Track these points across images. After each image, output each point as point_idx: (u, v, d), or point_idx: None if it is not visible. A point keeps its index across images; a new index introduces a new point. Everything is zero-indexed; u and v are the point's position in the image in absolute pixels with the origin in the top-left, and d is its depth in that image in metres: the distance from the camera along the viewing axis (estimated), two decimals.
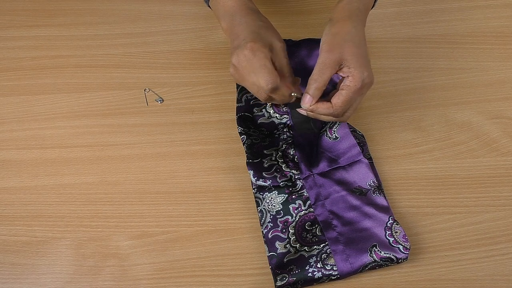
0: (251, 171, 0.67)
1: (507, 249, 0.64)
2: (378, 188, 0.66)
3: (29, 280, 0.63)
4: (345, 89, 0.57)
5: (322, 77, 0.57)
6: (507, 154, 0.71)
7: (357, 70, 0.57)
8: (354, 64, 0.57)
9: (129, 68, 0.81)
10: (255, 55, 0.57)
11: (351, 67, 0.57)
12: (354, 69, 0.57)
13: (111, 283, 0.62)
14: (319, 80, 0.57)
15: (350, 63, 0.57)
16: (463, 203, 0.67)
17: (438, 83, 0.78)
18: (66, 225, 0.66)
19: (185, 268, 0.63)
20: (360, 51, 0.58)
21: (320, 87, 0.58)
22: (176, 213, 0.67)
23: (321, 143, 0.70)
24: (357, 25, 0.59)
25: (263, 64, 0.57)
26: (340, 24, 0.59)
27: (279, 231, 0.63)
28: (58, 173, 0.71)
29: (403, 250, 0.61)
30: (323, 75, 0.57)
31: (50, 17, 0.87)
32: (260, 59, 0.57)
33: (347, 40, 0.57)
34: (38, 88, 0.79)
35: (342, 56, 0.57)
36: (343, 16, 0.59)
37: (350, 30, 0.58)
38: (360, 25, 0.60)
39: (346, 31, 0.58)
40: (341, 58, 0.57)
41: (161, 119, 0.75)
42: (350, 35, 0.58)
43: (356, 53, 0.57)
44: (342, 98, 0.57)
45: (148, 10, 0.88)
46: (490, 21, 0.85)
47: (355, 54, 0.57)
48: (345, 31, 0.58)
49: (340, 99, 0.57)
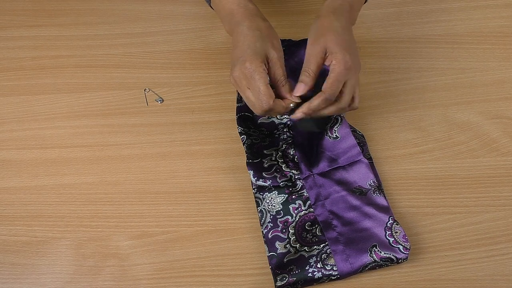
0: (251, 171, 0.67)
1: (507, 249, 0.64)
2: (378, 188, 0.66)
3: (29, 280, 0.63)
4: (331, 72, 0.60)
5: (309, 66, 0.61)
6: (507, 154, 0.71)
7: (338, 54, 0.60)
8: (336, 49, 0.60)
9: (129, 68, 0.81)
10: (251, 76, 0.60)
11: (333, 52, 0.60)
12: (336, 53, 0.60)
13: (111, 283, 0.62)
14: (307, 69, 0.61)
15: (332, 49, 0.61)
16: (463, 203, 0.67)
17: (438, 83, 0.78)
18: (66, 225, 0.66)
19: (185, 268, 0.63)
20: (341, 38, 0.62)
21: (311, 75, 0.61)
22: (176, 213, 0.67)
23: (322, 143, 0.70)
24: (339, 19, 0.63)
25: (258, 86, 0.60)
26: (323, 19, 0.63)
27: (279, 231, 0.63)
28: (58, 173, 0.71)
29: (403, 250, 0.61)
30: (310, 64, 0.61)
31: (50, 17, 0.87)
32: (256, 80, 0.60)
33: (329, 30, 0.62)
34: (38, 88, 0.79)
35: (325, 45, 0.61)
36: (327, 12, 0.64)
37: (332, 23, 0.63)
38: (343, 19, 0.64)
39: (328, 23, 0.63)
40: (324, 47, 0.61)
41: (161, 119, 0.75)
42: (333, 27, 0.62)
43: (337, 40, 0.61)
44: (329, 81, 0.60)
45: (148, 10, 0.88)
46: (490, 21, 0.85)
47: (336, 41, 0.61)
48: (327, 24, 0.63)
49: (328, 82, 0.60)
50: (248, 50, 0.61)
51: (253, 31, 0.63)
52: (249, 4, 0.66)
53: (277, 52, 0.62)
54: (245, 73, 0.60)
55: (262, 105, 0.60)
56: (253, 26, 0.64)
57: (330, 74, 0.60)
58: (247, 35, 0.63)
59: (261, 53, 0.61)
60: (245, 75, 0.60)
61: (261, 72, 0.60)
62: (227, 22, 0.68)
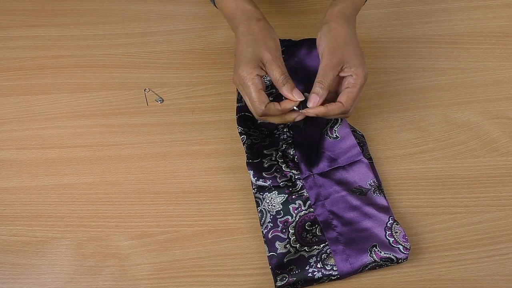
0: (251, 171, 0.67)
1: (507, 249, 0.64)
2: (378, 188, 0.66)
3: (29, 280, 0.63)
4: (352, 87, 0.61)
5: (326, 78, 0.60)
6: (507, 154, 0.71)
7: (359, 69, 0.61)
8: (356, 63, 0.61)
9: (129, 68, 0.81)
10: (244, 83, 0.61)
11: (353, 66, 0.61)
12: (356, 68, 0.60)
13: (111, 283, 0.62)
14: (323, 81, 0.60)
15: (351, 63, 0.61)
16: (463, 203, 0.67)
17: (438, 83, 0.78)
18: (66, 225, 0.66)
19: (185, 268, 0.63)
20: (359, 52, 0.62)
21: (326, 87, 0.61)
22: (176, 213, 0.67)
23: (322, 143, 0.70)
24: (352, 28, 0.64)
25: (249, 92, 0.61)
26: (337, 28, 0.63)
27: (279, 231, 0.63)
28: (58, 173, 0.71)
29: (403, 250, 0.61)
30: (326, 76, 0.60)
31: (50, 17, 0.87)
32: (247, 87, 0.61)
33: (347, 42, 0.62)
34: (38, 88, 0.79)
35: (344, 58, 0.61)
36: (340, 20, 0.63)
37: (348, 33, 0.63)
38: (354, 28, 0.65)
39: (344, 34, 0.62)
40: (343, 60, 0.61)
41: (161, 119, 0.75)
42: (349, 38, 0.62)
43: (356, 53, 0.62)
44: (351, 95, 0.61)
45: (148, 10, 0.88)
46: (490, 21, 0.85)
47: (355, 55, 0.61)
48: (344, 34, 0.62)
49: (350, 96, 0.61)
50: (241, 56, 0.62)
51: (246, 36, 0.63)
52: (246, 5, 0.66)
53: (271, 53, 0.62)
54: (239, 80, 0.62)
55: (255, 110, 0.61)
56: (246, 30, 0.64)
57: (350, 89, 0.60)
58: (241, 41, 0.63)
59: (254, 58, 0.61)
60: (240, 82, 0.62)
61: (252, 79, 0.60)
62: (230, 26, 0.69)
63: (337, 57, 0.61)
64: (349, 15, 0.65)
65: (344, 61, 0.61)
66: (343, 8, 0.64)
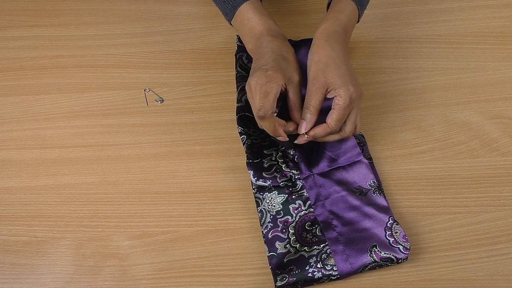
0: (251, 171, 0.67)
1: (507, 249, 0.64)
2: (378, 188, 0.66)
3: (29, 280, 0.63)
4: (336, 108, 0.61)
5: (311, 104, 0.61)
6: (507, 154, 0.71)
7: (342, 89, 0.60)
8: (339, 84, 0.61)
9: (129, 68, 0.81)
10: (268, 83, 0.61)
11: (336, 87, 0.61)
12: (339, 89, 0.61)
13: (111, 283, 0.62)
14: (309, 106, 0.61)
15: (334, 84, 0.61)
16: (463, 203, 0.67)
17: (438, 83, 0.78)
18: (66, 225, 0.66)
19: (185, 268, 0.63)
20: (341, 71, 0.62)
21: (313, 112, 0.61)
22: (176, 213, 0.67)
23: (322, 142, 0.70)
24: (335, 47, 0.63)
25: (268, 91, 0.60)
26: (320, 50, 0.63)
27: (279, 231, 0.63)
28: (58, 173, 0.71)
29: (403, 250, 0.61)
30: (311, 101, 0.61)
31: (50, 17, 0.87)
32: (270, 87, 0.60)
33: (328, 64, 0.62)
34: (38, 88, 0.79)
35: (326, 81, 0.61)
36: (322, 40, 0.64)
37: (329, 54, 0.63)
38: (338, 46, 0.64)
39: (325, 55, 0.62)
40: (326, 83, 0.61)
41: (161, 119, 0.75)
42: (330, 59, 0.62)
43: (338, 74, 0.61)
44: (334, 116, 0.61)
45: (148, 10, 0.88)
46: (490, 21, 0.85)
47: (337, 75, 0.61)
48: (324, 56, 0.62)
49: (333, 118, 0.61)
50: (273, 62, 0.62)
51: (281, 51, 0.64)
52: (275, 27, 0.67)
53: (299, 77, 0.64)
54: (262, 81, 0.61)
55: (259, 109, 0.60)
56: (280, 47, 0.65)
57: (335, 110, 0.61)
58: (274, 52, 0.64)
59: (285, 70, 0.62)
60: (262, 82, 0.61)
61: (280, 83, 0.61)
62: (252, 42, 0.68)
63: (320, 81, 0.61)
64: (333, 32, 0.64)
65: (327, 83, 0.61)
66: (326, 27, 0.65)
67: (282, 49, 0.65)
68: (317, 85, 0.61)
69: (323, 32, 0.64)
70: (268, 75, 0.61)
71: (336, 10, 0.67)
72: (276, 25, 0.68)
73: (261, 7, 0.69)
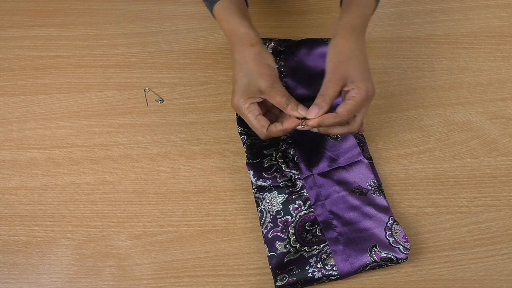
0: (251, 171, 0.67)
1: (507, 249, 0.64)
2: (378, 188, 0.66)
3: (29, 280, 0.63)
4: (351, 99, 0.60)
5: (328, 92, 0.60)
6: (507, 154, 0.71)
7: (362, 83, 0.60)
8: (359, 78, 0.60)
9: (129, 68, 0.81)
10: (241, 112, 0.62)
11: (355, 81, 0.60)
12: (358, 82, 0.60)
13: (111, 283, 0.62)
14: (325, 95, 0.60)
15: (355, 78, 0.60)
16: (463, 203, 0.67)
17: (438, 83, 0.78)
18: (66, 225, 0.66)
19: (185, 268, 0.63)
20: (362, 66, 0.61)
21: (327, 102, 0.60)
22: (176, 213, 0.67)
23: (322, 143, 0.70)
24: (357, 40, 0.63)
25: (249, 121, 0.62)
26: (342, 42, 0.62)
27: (279, 231, 0.63)
28: (58, 173, 0.71)
29: (403, 250, 0.61)
30: (328, 91, 0.60)
31: (50, 17, 0.87)
32: (245, 116, 0.62)
33: (350, 57, 0.61)
34: (38, 88, 0.79)
35: (347, 73, 0.60)
36: (345, 33, 0.63)
37: (351, 47, 0.62)
38: (360, 40, 0.63)
39: (347, 48, 0.62)
40: (346, 75, 0.60)
41: (161, 119, 0.75)
42: (353, 52, 0.61)
43: (359, 68, 0.61)
44: (347, 107, 0.60)
45: (148, 10, 0.88)
46: (490, 21, 0.85)
47: (358, 69, 0.61)
48: (346, 49, 0.62)
49: (345, 108, 0.60)
50: (237, 85, 0.63)
51: (241, 65, 0.63)
52: (241, 28, 0.65)
53: (267, 80, 0.61)
54: (237, 108, 0.63)
55: (259, 134, 0.62)
56: (241, 58, 0.63)
57: (349, 101, 0.60)
58: (236, 69, 0.64)
59: (249, 89, 0.62)
60: (237, 110, 0.63)
61: (247, 108, 0.61)
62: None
63: (340, 72, 0.60)
64: (357, 26, 0.64)
65: (347, 76, 0.60)
66: (350, 19, 0.64)
67: (242, 61, 0.63)
68: (337, 77, 0.60)
69: (346, 24, 0.63)
70: (234, 104, 0.62)
71: (358, 3, 0.66)
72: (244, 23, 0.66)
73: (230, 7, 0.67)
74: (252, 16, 0.72)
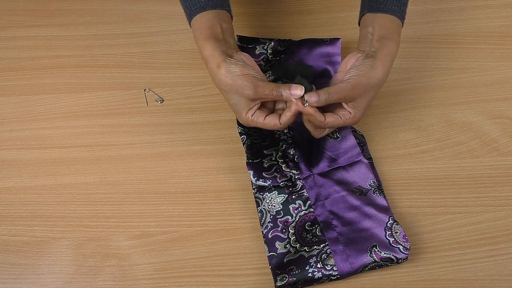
0: (251, 171, 0.67)
1: (507, 249, 0.64)
2: (378, 188, 0.66)
3: (29, 280, 0.63)
4: (342, 119, 0.62)
5: (334, 94, 0.61)
6: (507, 154, 0.71)
7: (359, 113, 0.62)
8: (360, 110, 0.62)
9: (129, 68, 0.81)
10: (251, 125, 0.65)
11: (356, 110, 0.62)
12: (358, 112, 0.62)
13: (111, 283, 0.62)
14: (331, 93, 0.61)
15: (359, 107, 0.62)
16: (463, 203, 0.67)
17: (438, 83, 0.78)
18: (66, 225, 0.66)
19: (185, 268, 0.63)
20: (372, 98, 0.64)
21: (328, 99, 0.61)
22: (176, 213, 0.67)
23: (322, 142, 0.70)
24: (389, 70, 0.63)
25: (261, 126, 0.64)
26: (379, 73, 0.62)
27: (279, 231, 0.63)
28: (58, 173, 0.71)
29: (403, 250, 0.61)
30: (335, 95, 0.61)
31: (50, 17, 0.87)
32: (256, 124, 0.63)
33: (373, 88, 0.63)
34: (38, 88, 0.79)
35: (359, 99, 0.62)
36: (384, 63, 0.62)
37: (381, 79, 0.63)
38: (390, 67, 0.64)
39: (378, 79, 0.62)
40: (357, 98, 0.62)
41: (161, 119, 0.75)
42: (378, 84, 0.63)
43: (368, 100, 0.63)
44: (335, 123, 0.62)
45: (148, 10, 0.88)
46: (490, 21, 0.85)
47: (366, 101, 0.63)
48: (377, 79, 0.62)
49: (334, 123, 0.62)
50: (233, 109, 0.65)
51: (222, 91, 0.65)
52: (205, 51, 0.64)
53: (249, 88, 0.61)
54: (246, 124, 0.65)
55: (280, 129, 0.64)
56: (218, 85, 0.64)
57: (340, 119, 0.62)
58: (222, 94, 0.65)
59: (242, 104, 0.63)
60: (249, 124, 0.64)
61: (253, 120, 0.63)
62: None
63: (357, 93, 0.61)
64: (393, 56, 0.64)
65: (357, 99, 0.62)
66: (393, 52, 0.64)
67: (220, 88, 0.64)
68: (351, 93, 0.61)
69: (387, 54, 0.63)
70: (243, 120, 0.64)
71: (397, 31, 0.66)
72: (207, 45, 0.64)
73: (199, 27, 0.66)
74: (252, 16, 0.72)
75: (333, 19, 0.86)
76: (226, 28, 0.66)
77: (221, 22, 0.66)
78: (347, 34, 0.81)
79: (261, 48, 0.79)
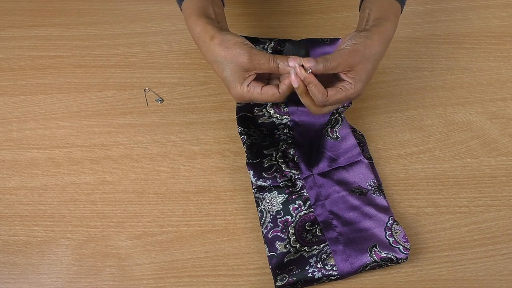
0: (251, 171, 0.67)
1: (507, 249, 0.64)
2: (378, 188, 0.66)
3: (29, 280, 0.63)
4: (344, 92, 0.59)
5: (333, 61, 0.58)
6: (507, 154, 0.71)
7: (360, 84, 0.60)
8: (362, 79, 0.60)
9: (129, 68, 0.81)
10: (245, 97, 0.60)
11: (357, 80, 0.59)
12: (358, 83, 0.60)
13: (111, 283, 0.62)
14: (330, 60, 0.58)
15: (359, 77, 0.60)
16: (463, 203, 0.67)
17: (438, 83, 0.78)
18: (66, 225, 0.66)
19: (185, 268, 0.63)
20: (371, 72, 0.61)
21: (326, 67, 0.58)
22: (176, 213, 0.67)
23: (322, 143, 0.70)
24: (383, 52, 0.62)
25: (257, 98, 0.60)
26: (375, 46, 0.61)
27: (279, 231, 0.63)
28: (58, 173, 0.71)
29: (403, 250, 0.61)
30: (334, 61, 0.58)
31: (50, 17, 0.87)
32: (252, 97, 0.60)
33: (370, 59, 0.60)
34: (38, 88, 0.79)
35: (357, 68, 0.60)
36: (382, 40, 0.62)
37: (378, 54, 0.61)
38: (384, 53, 0.63)
39: (375, 51, 0.61)
40: (355, 67, 0.60)
41: (161, 119, 0.75)
42: (375, 57, 0.61)
43: (369, 72, 0.61)
44: (338, 96, 0.59)
45: (148, 10, 0.88)
46: (490, 21, 0.85)
47: (367, 72, 0.60)
48: (374, 50, 0.61)
49: (336, 96, 0.59)
50: (226, 82, 0.61)
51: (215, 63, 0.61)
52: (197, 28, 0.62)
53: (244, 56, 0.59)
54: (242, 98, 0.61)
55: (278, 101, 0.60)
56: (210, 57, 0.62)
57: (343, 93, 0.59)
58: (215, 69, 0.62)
59: (236, 75, 0.60)
60: (244, 98, 0.61)
61: (248, 91, 0.60)
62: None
63: (355, 61, 0.59)
64: (389, 39, 0.63)
65: (356, 69, 0.59)
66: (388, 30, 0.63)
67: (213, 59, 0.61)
68: (350, 60, 0.59)
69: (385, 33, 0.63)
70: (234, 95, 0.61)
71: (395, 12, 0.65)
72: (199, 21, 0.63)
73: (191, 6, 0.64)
74: (252, 16, 0.72)
75: (333, 19, 0.86)
76: (218, 12, 0.65)
77: (213, 6, 0.64)
78: None
79: (261, 48, 0.79)
